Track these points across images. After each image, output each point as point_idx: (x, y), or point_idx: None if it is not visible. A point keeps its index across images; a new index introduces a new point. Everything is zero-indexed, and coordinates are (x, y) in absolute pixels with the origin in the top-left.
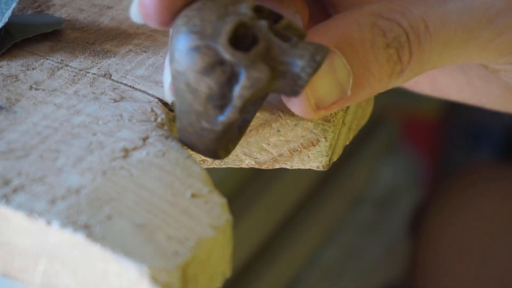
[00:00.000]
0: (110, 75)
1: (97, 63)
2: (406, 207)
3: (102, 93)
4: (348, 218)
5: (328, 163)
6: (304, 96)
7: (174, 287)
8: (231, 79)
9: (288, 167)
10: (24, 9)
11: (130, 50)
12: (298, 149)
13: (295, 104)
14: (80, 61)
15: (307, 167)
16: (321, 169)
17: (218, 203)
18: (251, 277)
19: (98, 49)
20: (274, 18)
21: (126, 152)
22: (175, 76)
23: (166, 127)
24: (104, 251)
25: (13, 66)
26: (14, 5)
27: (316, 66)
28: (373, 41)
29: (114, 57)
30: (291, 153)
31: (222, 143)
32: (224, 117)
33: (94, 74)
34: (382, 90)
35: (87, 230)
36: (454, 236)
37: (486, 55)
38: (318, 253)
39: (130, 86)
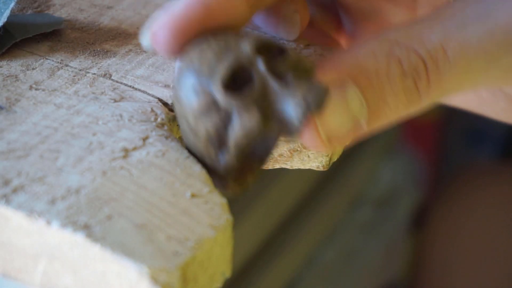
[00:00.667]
0: (110, 75)
1: (97, 63)
2: (406, 207)
3: (102, 93)
4: (348, 218)
5: (328, 163)
6: (314, 131)
7: (174, 287)
8: (227, 122)
9: (288, 167)
10: (24, 9)
11: (130, 50)
12: (298, 149)
13: (306, 139)
14: (80, 61)
15: (307, 167)
16: (321, 169)
17: (218, 203)
18: (251, 277)
19: (98, 49)
20: (281, 53)
21: (126, 152)
22: (178, 117)
23: (166, 127)
24: (104, 251)
25: (13, 66)
26: (12, 4)
27: (309, 111)
28: (389, 71)
29: (114, 57)
30: (291, 153)
31: (230, 179)
32: (224, 161)
33: (94, 74)
34: (398, 119)
35: (87, 230)
36: (454, 236)
37: (507, 79)
38: (318, 253)
39: (130, 86)
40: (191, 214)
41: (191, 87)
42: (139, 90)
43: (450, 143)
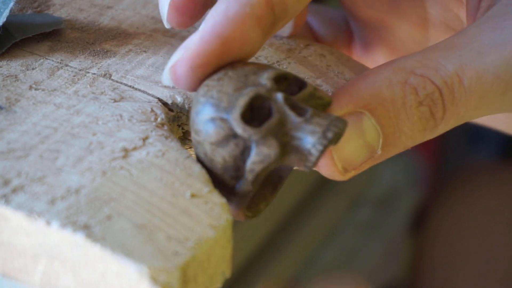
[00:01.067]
0: (110, 75)
1: (97, 63)
2: (406, 207)
3: (102, 93)
4: (348, 218)
5: None
6: (330, 161)
7: (174, 287)
8: (244, 152)
9: None
10: (24, 9)
11: (130, 50)
12: None
13: (321, 168)
14: (80, 61)
15: None
16: None
17: (218, 203)
18: (251, 277)
19: (98, 49)
20: (299, 85)
21: (126, 152)
22: (195, 145)
23: (166, 127)
24: (103, 251)
25: (12, 66)
26: (12, 4)
27: (327, 144)
28: (405, 99)
29: (114, 57)
30: None
31: (243, 206)
32: (239, 188)
33: (94, 74)
34: (415, 145)
35: (87, 230)
36: (454, 236)
37: None
38: (318, 253)
39: (130, 86)
40: (191, 214)
41: (210, 119)
42: (139, 90)
43: (450, 144)
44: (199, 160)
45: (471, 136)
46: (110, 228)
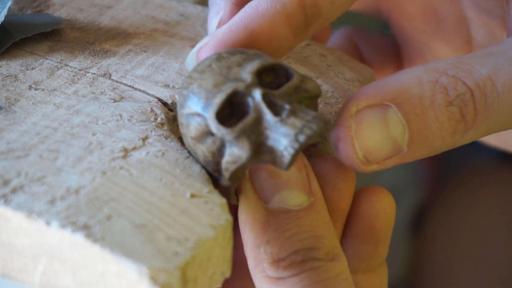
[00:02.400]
0: (110, 75)
1: (96, 63)
2: (406, 207)
3: (102, 93)
4: None
5: None
6: (351, 148)
7: (174, 287)
8: (221, 149)
9: None
10: (24, 9)
11: (130, 50)
12: None
13: (342, 155)
14: (79, 61)
15: None
16: None
17: (218, 203)
18: None
19: (98, 48)
20: (287, 76)
21: (126, 152)
22: (182, 136)
23: (165, 127)
24: (103, 251)
25: (12, 65)
26: (9, 3)
27: (298, 147)
28: (433, 98)
29: (113, 56)
30: None
31: (229, 196)
32: (220, 181)
33: (94, 74)
34: (446, 149)
35: (87, 230)
36: (455, 236)
37: None
38: None
39: (130, 86)
40: (190, 214)
41: (189, 114)
42: (139, 90)
43: None
44: (188, 149)
45: None
46: (109, 228)
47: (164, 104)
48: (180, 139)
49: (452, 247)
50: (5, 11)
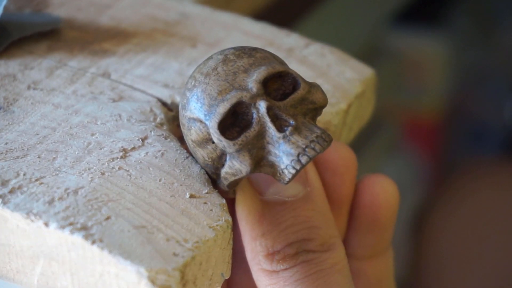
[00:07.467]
0: (109, 75)
1: (96, 63)
2: (408, 206)
3: (101, 92)
4: None
5: None
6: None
7: None
8: (222, 157)
9: None
10: (22, 8)
11: (129, 50)
12: None
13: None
14: (78, 61)
15: None
16: None
17: (217, 203)
18: None
19: (97, 48)
20: (294, 85)
21: (125, 153)
22: (183, 134)
23: (165, 127)
24: (102, 252)
25: (11, 65)
26: (5, 2)
27: (299, 168)
28: None
29: (113, 56)
30: None
31: (225, 195)
32: (218, 184)
33: (93, 73)
34: None
35: (85, 231)
36: (456, 235)
37: None
38: None
39: (129, 86)
40: (190, 215)
41: (191, 119)
42: (138, 89)
43: (451, 142)
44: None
45: (472, 134)
46: (108, 229)
47: (164, 104)
48: (180, 139)
49: (454, 246)
50: (0, 10)
